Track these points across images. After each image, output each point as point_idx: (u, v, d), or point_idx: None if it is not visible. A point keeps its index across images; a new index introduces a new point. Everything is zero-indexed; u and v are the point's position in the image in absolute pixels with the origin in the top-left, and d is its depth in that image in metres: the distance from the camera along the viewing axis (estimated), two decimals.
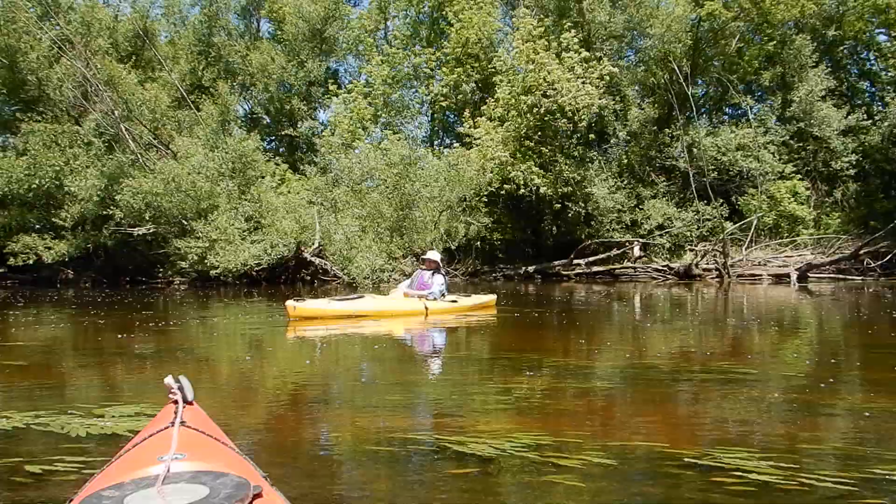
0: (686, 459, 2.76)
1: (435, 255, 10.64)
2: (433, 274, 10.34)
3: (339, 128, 25.94)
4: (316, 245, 19.98)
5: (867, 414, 3.71)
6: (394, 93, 28.86)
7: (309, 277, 20.44)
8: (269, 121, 30.21)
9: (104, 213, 20.17)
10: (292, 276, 20.51)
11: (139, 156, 21.02)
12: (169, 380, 2.16)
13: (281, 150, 30.14)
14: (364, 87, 27.95)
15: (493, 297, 11.59)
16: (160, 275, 20.84)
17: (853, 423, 3.58)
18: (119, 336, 7.84)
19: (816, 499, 2.37)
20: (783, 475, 2.56)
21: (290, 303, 9.07)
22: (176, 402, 2.09)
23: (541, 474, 2.65)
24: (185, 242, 19.23)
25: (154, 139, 22.17)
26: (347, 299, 9.62)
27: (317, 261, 19.97)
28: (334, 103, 27.37)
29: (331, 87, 28.05)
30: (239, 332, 8.56)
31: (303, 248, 19.80)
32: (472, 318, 9.68)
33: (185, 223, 19.65)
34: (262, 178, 22.55)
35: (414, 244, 21.27)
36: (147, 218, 19.82)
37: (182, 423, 1.92)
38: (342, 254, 19.56)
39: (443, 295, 10.24)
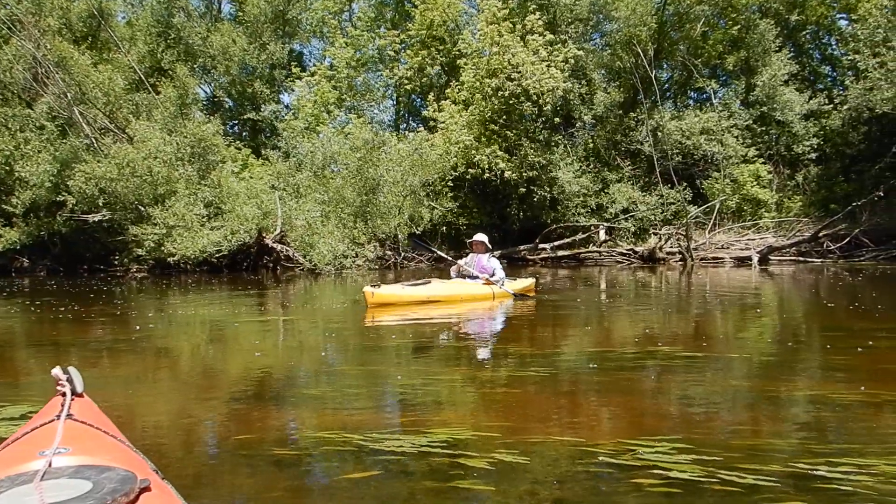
0: (602, 458, 2.63)
1: (484, 237, 10.34)
2: (489, 257, 10.16)
3: (303, 112, 25.57)
4: (278, 231, 19.65)
5: (816, 403, 3.64)
6: (358, 76, 28.48)
7: (272, 264, 20.13)
8: (231, 104, 29.63)
9: (57, 199, 19.62)
10: (254, 262, 20.17)
11: (94, 140, 20.46)
12: (57, 371, 2.03)
13: (244, 134, 29.63)
14: (328, 70, 27.53)
15: (532, 280, 11.33)
16: (117, 263, 20.36)
17: (799, 413, 3.50)
18: (71, 326, 7.57)
19: (732, 498, 2.25)
20: (705, 472, 2.45)
21: (367, 289, 8.73)
22: (64, 394, 1.96)
23: (445, 476, 2.51)
24: (142, 229, 18.77)
25: (109, 123, 21.57)
26: (417, 284, 9.35)
27: (279, 247, 19.66)
28: (297, 87, 26.93)
29: (294, 70, 27.58)
30: (198, 321, 8.30)
31: (264, 235, 19.46)
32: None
33: (142, 209, 19.19)
34: (223, 162, 22.13)
35: (377, 229, 21.05)
36: (101, 204, 19.30)
37: (69, 415, 1.81)
38: (304, 240, 19.26)
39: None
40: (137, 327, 7.41)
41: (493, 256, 10.39)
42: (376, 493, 2.39)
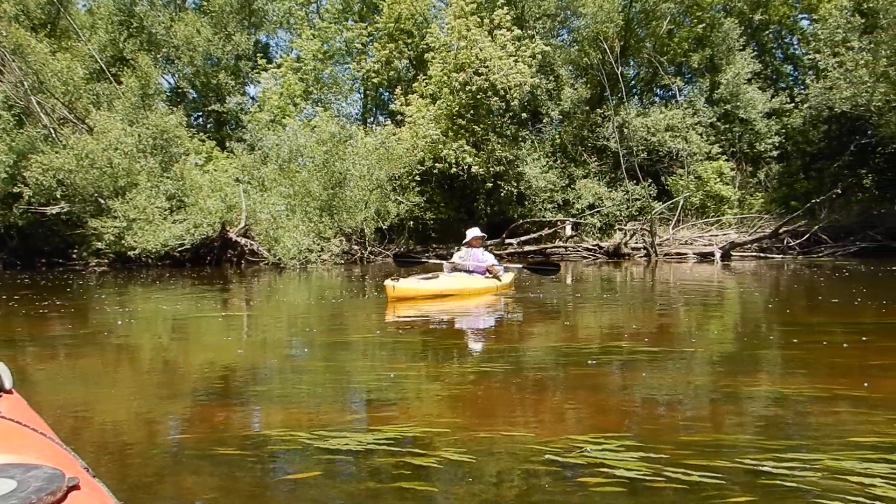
0: (549, 456, 2.61)
1: (479, 232, 10.40)
2: (483, 251, 10.24)
3: (269, 104, 25.26)
4: (242, 225, 19.40)
5: (769, 399, 3.67)
6: (325, 68, 28.23)
7: (236, 258, 19.88)
8: (195, 96, 29.14)
9: (13, 191, 19.13)
10: (218, 257, 19.90)
11: (52, 130, 19.98)
12: None
13: (208, 126, 29.17)
14: (294, 62, 27.23)
15: (512, 274, 11.27)
16: (76, 256, 19.92)
17: (751, 408, 3.53)
18: (26, 321, 7.38)
19: (676, 496, 2.26)
20: (651, 470, 2.45)
21: (388, 283, 8.63)
22: None
23: (389, 476, 2.47)
24: (102, 222, 18.37)
25: (68, 113, 21.08)
26: (428, 279, 9.27)
27: (243, 241, 19.42)
28: (263, 78, 26.59)
29: (260, 62, 27.22)
30: (160, 316, 8.13)
31: (228, 228, 19.21)
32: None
33: (102, 202, 18.80)
34: (187, 155, 21.76)
35: (344, 224, 20.90)
36: (59, 196, 18.86)
37: None
38: (268, 234, 19.04)
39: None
40: (96, 322, 7.26)
41: (487, 250, 10.49)
42: (314, 494, 2.35)
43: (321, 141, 21.25)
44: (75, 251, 19.91)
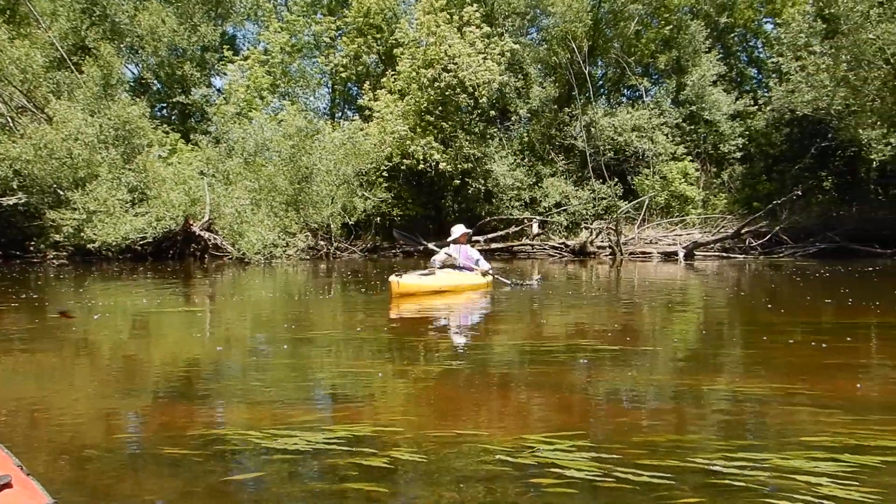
0: (501, 456, 2.59)
1: (465, 228, 10.53)
2: (470, 247, 10.37)
3: (235, 96, 24.92)
4: (206, 218, 19.12)
5: (725, 398, 3.70)
6: (293, 62, 27.96)
7: (199, 253, 19.60)
8: (159, 86, 28.65)
9: None
10: (181, 251, 19.60)
11: (9, 119, 19.48)
12: None
13: (172, 118, 28.69)
14: (262, 54, 26.91)
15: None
16: (33, 249, 19.45)
17: (706, 407, 3.55)
18: None
19: (624, 497, 2.26)
20: (602, 470, 2.44)
21: (393, 278, 8.58)
22: None
23: (337, 477, 2.43)
24: (60, 214, 17.97)
25: (27, 102, 20.57)
26: (425, 275, 9.24)
27: (206, 235, 19.14)
28: (230, 71, 26.21)
29: (226, 54, 26.85)
30: (120, 310, 7.96)
31: (191, 222, 18.92)
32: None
33: (61, 193, 18.39)
34: (150, 146, 21.38)
35: (310, 219, 20.74)
36: (16, 187, 18.40)
37: None
38: (233, 228, 18.81)
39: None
40: (53, 316, 7.08)
41: (473, 247, 10.64)
42: (258, 497, 2.30)
43: (288, 135, 21.07)
44: (33, 243, 19.43)
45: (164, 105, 29.11)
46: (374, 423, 3.11)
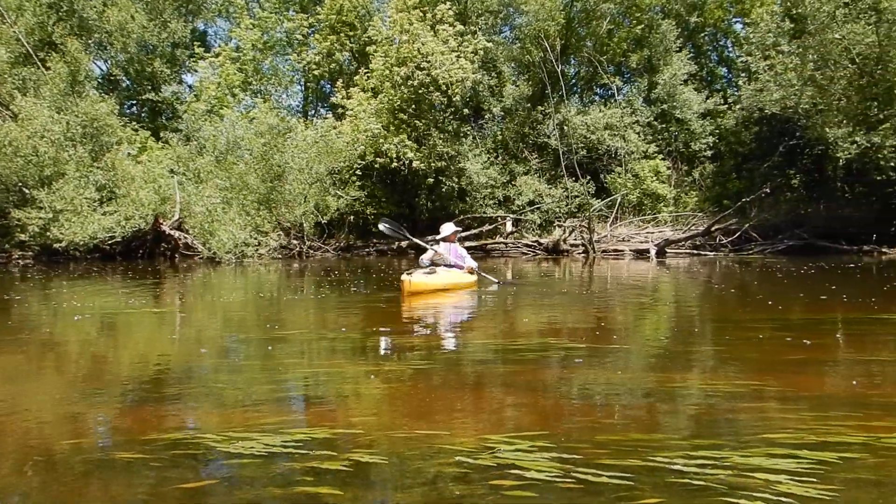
0: (461, 458, 2.57)
1: (455, 227, 10.68)
2: (459, 246, 10.48)
3: (206, 94, 24.66)
4: (176, 217, 18.90)
5: (690, 396, 3.71)
6: (265, 59, 27.72)
7: (169, 252, 19.37)
8: (128, 83, 28.25)
9: None
10: (150, 250, 19.36)
11: None
12: None
13: (142, 115, 28.32)
14: (233, 51, 26.64)
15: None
16: None
17: (670, 405, 3.56)
18: None
19: (583, 498, 2.25)
20: (562, 470, 2.43)
21: (405, 277, 8.63)
22: None
23: (292, 481, 2.40)
24: (26, 213, 17.65)
25: None
26: (429, 273, 9.25)
27: (177, 234, 18.92)
28: (200, 67, 25.92)
29: (197, 51, 26.53)
30: (88, 311, 7.80)
31: (161, 221, 18.69)
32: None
33: (26, 191, 18.06)
34: (119, 144, 21.10)
35: (282, 218, 20.59)
36: None
37: None
38: (203, 227, 18.60)
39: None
40: (19, 317, 6.94)
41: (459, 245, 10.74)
42: (209, 502, 2.27)
43: (260, 133, 20.89)
44: None
45: (134, 102, 28.74)
46: (337, 424, 3.09)
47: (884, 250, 19.08)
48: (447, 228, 10.47)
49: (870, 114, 19.05)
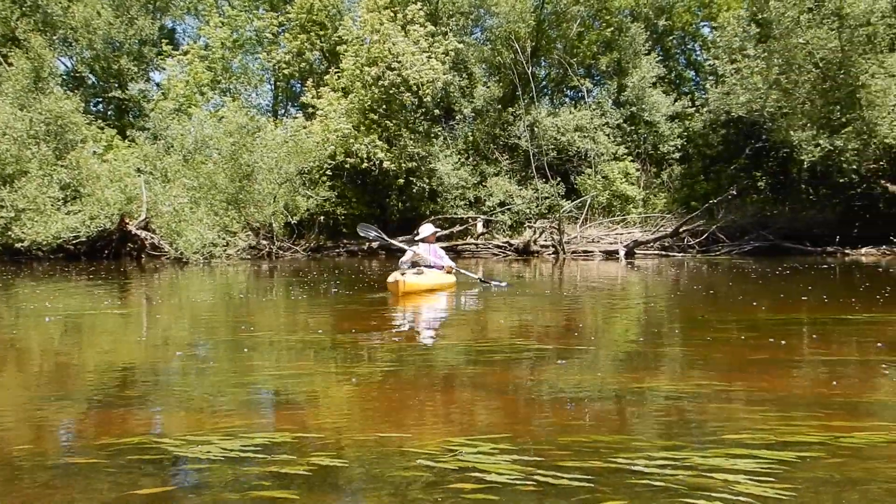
0: (421, 461, 2.55)
1: (434, 228, 10.84)
2: (438, 247, 10.63)
3: (173, 92, 24.33)
4: (143, 217, 18.62)
5: (654, 396, 3.73)
6: (234, 57, 27.44)
7: (135, 252, 19.07)
8: (94, 80, 27.77)
9: None
10: (116, 250, 19.05)
11: None
12: None
13: (108, 113, 27.85)
14: (202, 49, 26.32)
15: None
16: None
17: (634, 406, 3.59)
18: None
19: (543, 501, 2.25)
20: (523, 473, 2.43)
21: (399, 278, 8.70)
22: None
23: (248, 486, 2.36)
24: None
25: None
26: (417, 274, 9.21)
27: (143, 234, 18.63)
28: (168, 65, 25.58)
29: (165, 48, 26.16)
30: (51, 312, 7.63)
31: (127, 221, 18.41)
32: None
33: None
34: (84, 142, 20.73)
35: (251, 218, 20.39)
36: None
37: None
38: (170, 227, 18.35)
39: None
40: None
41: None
42: None
43: (228, 132, 20.66)
44: None
45: (100, 100, 28.28)
46: (300, 428, 3.05)
47: (847, 251, 19.46)
48: (426, 229, 10.55)
49: (833, 117, 19.45)
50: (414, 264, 9.89)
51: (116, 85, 26.81)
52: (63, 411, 3.52)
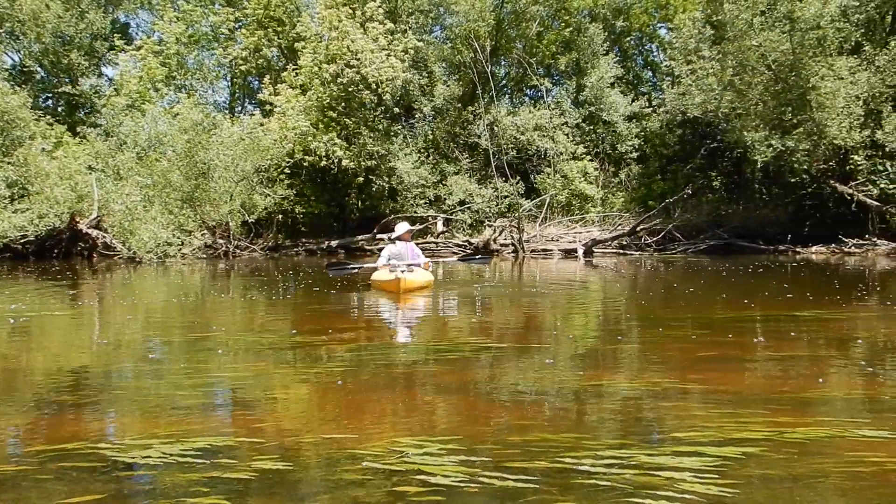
0: (368, 462, 2.51)
1: (409, 226, 10.90)
2: (414, 245, 10.68)
3: (126, 88, 23.77)
4: (94, 216, 18.15)
5: (606, 395, 3.74)
6: (190, 53, 26.93)
7: (86, 252, 18.58)
8: (43, 75, 27.00)
9: None
10: (66, 250, 18.53)
11: None
12: None
13: (59, 109, 27.09)
14: (156, 44, 25.76)
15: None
16: None
17: (585, 405, 3.59)
18: None
19: (488, 503, 2.23)
20: (469, 474, 2.40)
21: (400, 275, 8.78)
22: None
23: (185, 492, 2.29)
24: None
25: None
26: (411, 273, 9.21)
27: (94, 233, 18.17)
28: (121, 60, 24.96)
29: (117, 43, 25.55)
30: None
31: (78, 219, 17.93)
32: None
33: None
34: (32, 139, 20.12)
35: (207, 216, 20.04)
36: None
37: None
38: (123, 226, 17.92)
39: None
40: None
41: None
42: None
43: (183, 129, 20.26)
44: None
45: (50, 95, 27.47)
46: (246, 431, 2.98)
47: (798, 250, 19.92)
48: (401, 227, 10.58)
49: (784, 118, 19.85)
50: (394, 264, 9.87)
51: (67, 80, 26.09)
52: (2, 418, 3.37)
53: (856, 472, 2.50)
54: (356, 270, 11.48)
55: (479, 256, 10.83)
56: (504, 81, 30.18)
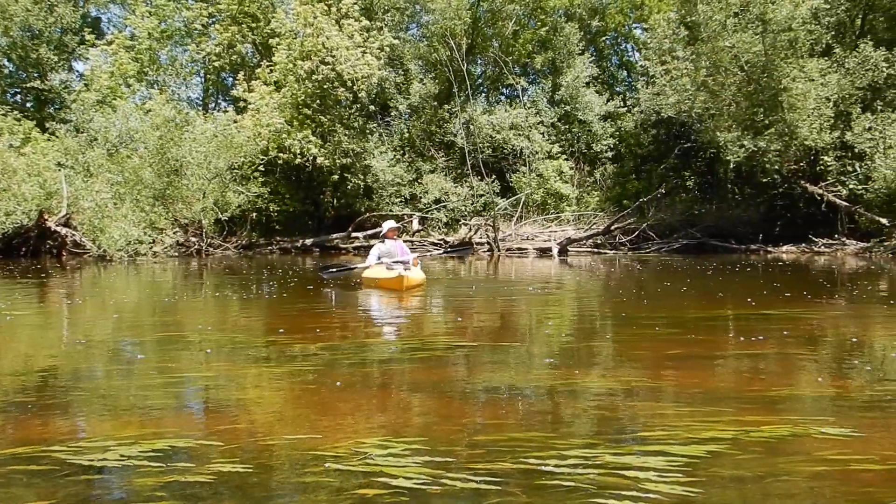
0: (330, 464, 2.47)
1: (396, 223, 11.00)
2: (402, 241, 10.69)
3: (97, 83, 23.38)
4: (63, 213, 17.84)
5: (576, 394, 3.73)
6: (162, 48, 26.57)
7: (55, 250, 18.25)
8: (11, 70, 26.50)
9: None
10: (35, 248, 18.19)
11: None
12: None
13: (27, 104, 26.63)
14: (128, 39, 25.39)
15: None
16: None
17: (553, 404, 3.58)
18: None
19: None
20: (432, 476, 2.37)
21: (403, 273, 8.83)
22: None
23: (142, 497, 2.23)
24: None
25: None
26: (408, 271, 9.17)
27: (63, 231, 17.86)
28: (92, 55, 24.55)
29: (88, 37, 25.13)
30: None
31: (47, 217, 17.61)
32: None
33: None
34: None
35: (179, 214, 19.79)
36: None
37: None
38: (93, 223, 17.63)
39: None
40: None
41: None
42: None
43: (155, 125, 19.98)
44: None
45: (18, 90, 26.96)
46: (208, 433, 2.92)
47: (769, 249, 20.15)
48: (388, 224, 10.59)
49: (756, 119, 20.08)
50: (384, 262, 9.85)
51: (36, 75, 25.62)
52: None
53: (821, 471, 2.51)
54: (353, 270, 11.34)
55: (462, 249, 10.98)
56: (480, 80, 30.17)
